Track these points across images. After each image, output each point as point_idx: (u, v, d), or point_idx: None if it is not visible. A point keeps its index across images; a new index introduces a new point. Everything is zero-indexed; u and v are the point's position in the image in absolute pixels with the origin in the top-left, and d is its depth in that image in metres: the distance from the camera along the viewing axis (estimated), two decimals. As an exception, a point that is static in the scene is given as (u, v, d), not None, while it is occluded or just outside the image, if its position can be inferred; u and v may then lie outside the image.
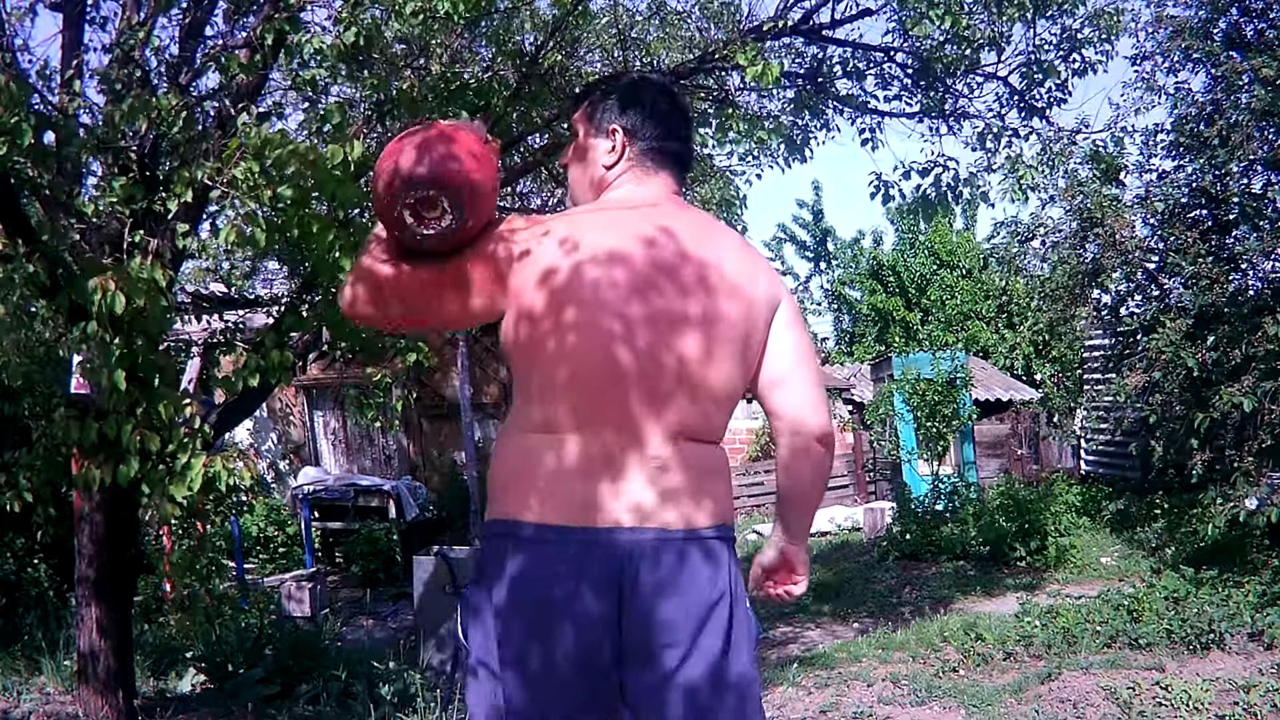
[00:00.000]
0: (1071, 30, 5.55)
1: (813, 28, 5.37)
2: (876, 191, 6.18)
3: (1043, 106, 5.91)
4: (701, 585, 1.57)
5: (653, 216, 1.70)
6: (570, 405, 1.58)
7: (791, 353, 1.71)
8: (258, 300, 7.24)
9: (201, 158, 3.23)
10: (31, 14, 3.61)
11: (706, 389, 1.62)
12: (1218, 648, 4.89)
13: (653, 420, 1.58)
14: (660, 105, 1.81)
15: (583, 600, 1.53)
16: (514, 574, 1.56)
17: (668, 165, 1.80)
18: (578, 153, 1.84)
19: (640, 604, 1.54)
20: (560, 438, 1.58)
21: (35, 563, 6.12)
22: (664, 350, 1.59)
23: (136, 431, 2.90)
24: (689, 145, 1.85)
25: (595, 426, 1.58)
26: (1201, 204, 7.56)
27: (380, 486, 10.52)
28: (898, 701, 4.64)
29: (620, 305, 1.59)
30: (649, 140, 1.78)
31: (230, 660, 5.06)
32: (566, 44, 5.23)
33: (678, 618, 1.55)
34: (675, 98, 1.86)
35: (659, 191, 1.77)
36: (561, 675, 1.54)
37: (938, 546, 9.35)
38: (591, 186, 1.81)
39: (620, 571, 1.53)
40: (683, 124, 1.84)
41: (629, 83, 1.89)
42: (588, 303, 1.58)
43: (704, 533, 1.60)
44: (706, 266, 1.65)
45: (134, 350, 2.84)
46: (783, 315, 1.72)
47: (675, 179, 1.81)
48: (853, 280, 20.55)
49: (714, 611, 1.58)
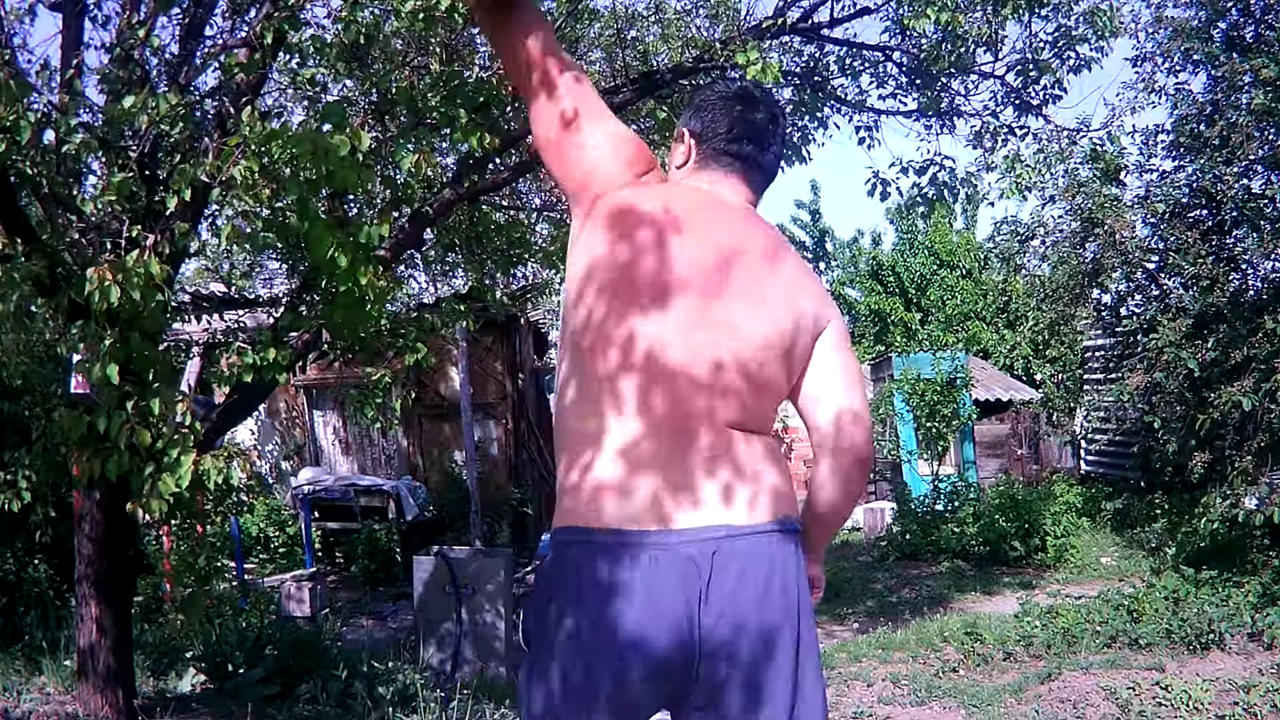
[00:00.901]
0: (1067, 28, 5.55)
1: (811, 26, 5.37)
2: (874, 190, 6.19)
3: (1038, 104, 5.91)
4: (785, 582, 1.57)
5: (727, 214, 1.70)
6: (640, 402, 1.57)
7: (840, 374, 1.71)
8: (258, 300, 7.24)
9: (201, 156, 3.22)
10: (31, 14, 3.60)
11: (772, 386, 1.64)
12: (1218, 648, 4.89)
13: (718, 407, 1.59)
14: (733, 108, 1.76)
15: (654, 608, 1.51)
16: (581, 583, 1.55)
17: (738, 169, 1.75)
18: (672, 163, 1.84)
19: (727, 606, 1.52)
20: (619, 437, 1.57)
21: (35, 563, 6.11)
22: (745, 348, 1.60)
23: (127, 426, 2.90)
24: (766, 151, 1.78)
25: (652, 421, 1.57)
26: (1201, 204, 7.56)
27: (380, 486, 10.51)
28: (898, 701, 4.63)
29: (714, 301, 1.60)
30: (717, 142, 1.75)
31: (230, 660, 5.05)
32: (567, 43, 5.23)
33: (767, 621, 1.54)
34: (753, 102, 1.79)
35: (731, 194, 1.74)
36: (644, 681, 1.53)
37: (938, 546, 9.35)
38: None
39: (702, 570, 1.52)
40: (758, 129, 1.77)
41: (706, 86, 1.87)
42: (689, 298, 1.59)
43: (781, 525, 1.59)
44: (767, 273, 1.66)
45: (129, 345, 2.83)
46: (831, 336, 1.72)
47: (747, 184, 1.77)
48: (852, 280, 20.54)
49: (799, 612, 1.59)
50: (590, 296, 1.62)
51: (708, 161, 1.76)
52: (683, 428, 1.57)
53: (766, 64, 4.26)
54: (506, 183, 5.39)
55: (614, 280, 1.60)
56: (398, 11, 3.30)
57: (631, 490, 1.55)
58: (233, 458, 3.14)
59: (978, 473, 12.40)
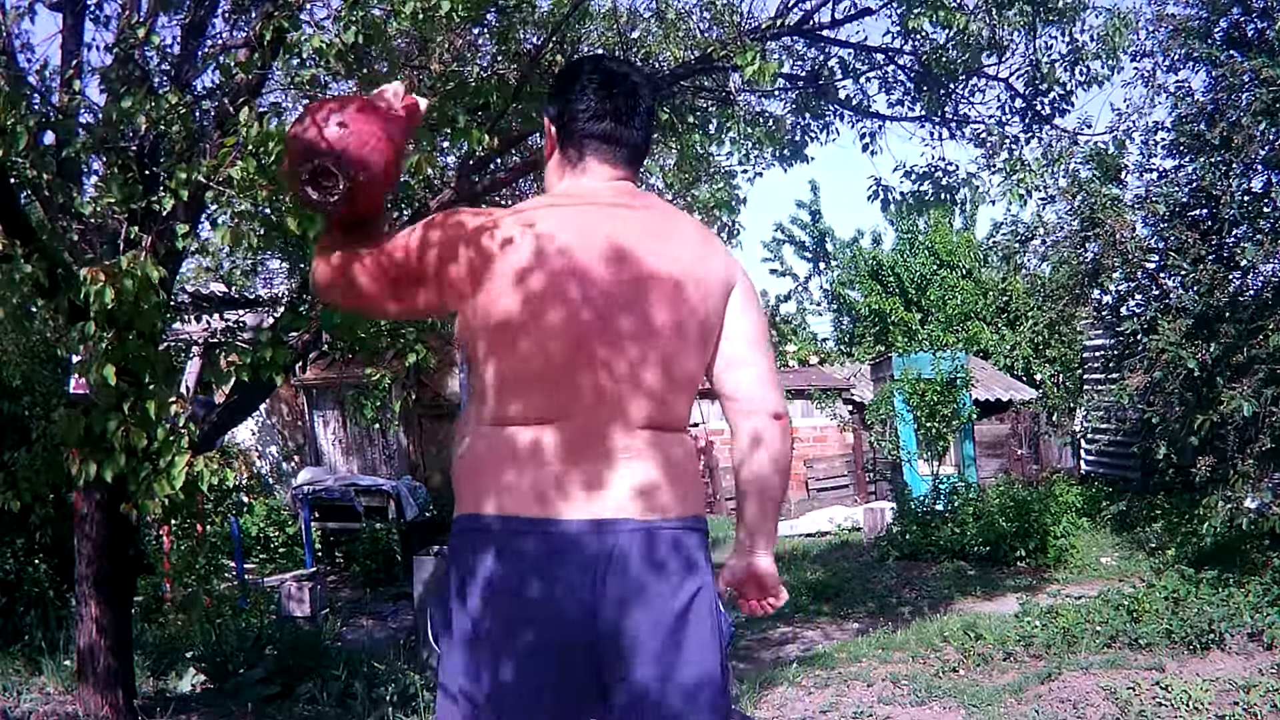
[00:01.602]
0: (1078, 43, 5.55)
1: (813, 27, 5.37)
2: (874, 196, 6.20)
3: (1049, 115, 5.92)
4: (673, 580, 1.55)
5: (604, 206, 1.64)
6: (534, 398, 1.57)
7: (745, 335, 1.67)
8: (258, 300, 7.24)
9: (199, 157, 3.22)
10: (31, 13, 3.60)
11: (669, 378, 1.60)
12: (1218, 648, 4.89)
13: (619, 410, 1.57)
14: (588, 87, 1.68)
15: (555, 595, 1.51)
16: (483, 570, 1.55)
17: (602, 150, 1.68)
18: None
19: (611, 600, 1.52)
20: (525, 430, 1.57)
21: (35, 563, 6.11)
22: (625, 341, 1.57)
23: (123, 427, 2.90)
24: (628, 127, 1.69)
25: (560, 418, 1.56)
26: (1202, 204, 7.56)
27: (380, 486, 10.51)
28: (898, 701, 4.63)
29: (578, 298, 1.56)
30: (576, 124, 1.68)
31: (230, 660, 5.05)
32: (568, 44, 5.22)
33: (647, 617, 1.53)
34: (609, 77, 1.70)
35: (599, 179, 1.68)
36: (540, 669, 1.52)
37: (938, 546, 9.35)
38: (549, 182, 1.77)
39: (591, 563, 1.51)
40: (616, 104, 1.68)
41: (562, 67, 1.81)
42: (546, 297, 1.56)
43: (673, 523, 1.57)
44: (662, 257, 1.61)
45: (125, 346, 2.84)
46: (737, 299, 1.68)
47: (612, 163, 1.69)
48: (852, 281, 20.54)
49: (684, 610, 1.55)
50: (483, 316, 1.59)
51: (569, 146, 1.70)
52: (588, 426, 1.56)
53: (764, 65, 4.25)
54: (506, 183, 5.39)
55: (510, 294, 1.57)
56: (398, 12, 3.30)
57: (528, 483, 1.54)
58: (228, 459, 3.14)
59: (978, 473, 12.40)
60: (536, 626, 1.52)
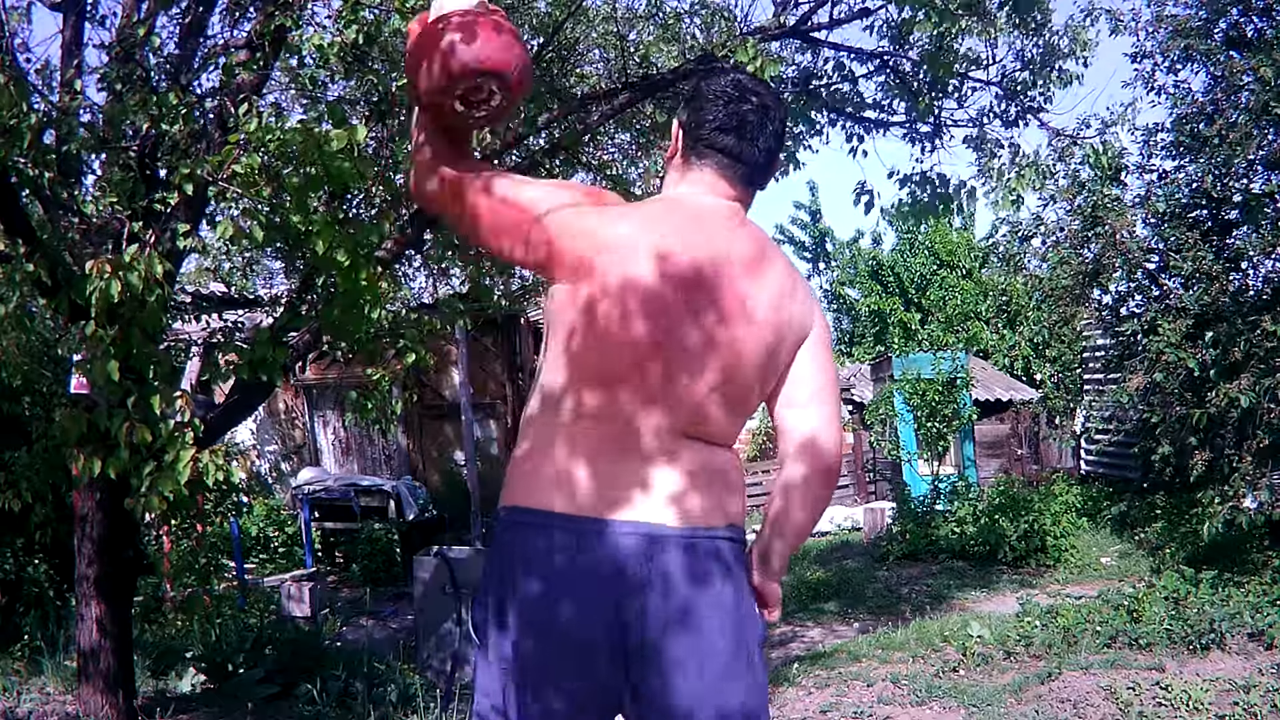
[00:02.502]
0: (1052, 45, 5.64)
1: (810, 29, 5.38)
2: (858, 200, 6.23)
3: (1036, 108, 5.96)
4: (720, 584, 1.56)
5: (709, 223, 1.65)
6: (589, 396, 1.58)
7: (814, 379, 1.68)
8: (258, 300, 7.24)
9: (203, 154, 3.22)
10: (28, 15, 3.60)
11: (724, 399, 1.61)
12: (1218, 648, 4.89)
13: (670, 418, 1.58)
14: (720, 99, 1.70)
15: (587, 597, 1.52)
16: (518, 565, 1.56)
17: (720, 163, 1.69)
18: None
19: (646, 608, 1.52)
20: (576, 426, 1.58)
21: (35, 563, 6.12)
22: (688, 356, 1.58)
23: (127, 424, 2.90)
24: (751, 144, 1.69)
25: (611, 419, 1.57)
26: (1202, 204, 7.56)
27: (380, 486, 10.51)
28: (898, 701, 4.63)
29: (655, 308, 1.57)
30: (701, 132, 1.69)
31: (230, 660, 5.06)
32: (566, 45, 5.23)
33: (683, 630, 1.53)
34: (742, 92, 1.71)
35: (714, 195, 1.69)
36: (568, 665, 1.53)
37: (938, 546, 9.35)
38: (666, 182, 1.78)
39: (626, 568, 1.52)
40: (743, 120, 1.68)
41: (702, 77, 1.81)
42: (622, 300, 1.57)
43: (718, 532, 1.59)
44: (746, 287, 1.62)
45: (129, 342, 2.84)
46: (812, 344, 1.69)
47: (729, 179, 1.70)
48: (852, 281, 20.55)
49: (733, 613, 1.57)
50: (570, 304, 1.61)
51: (691, 154, 1.71)
52: (641, 433, 1.57)
53: (765, 62, 4.26)
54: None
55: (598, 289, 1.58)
56: (399, 11, 3.30)
57: (578, 480, 1.55)
58: (232, 455, 3.14)
59: (978, 473, 12.41)
60: (565, 624, 1.52)
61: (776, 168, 1.80)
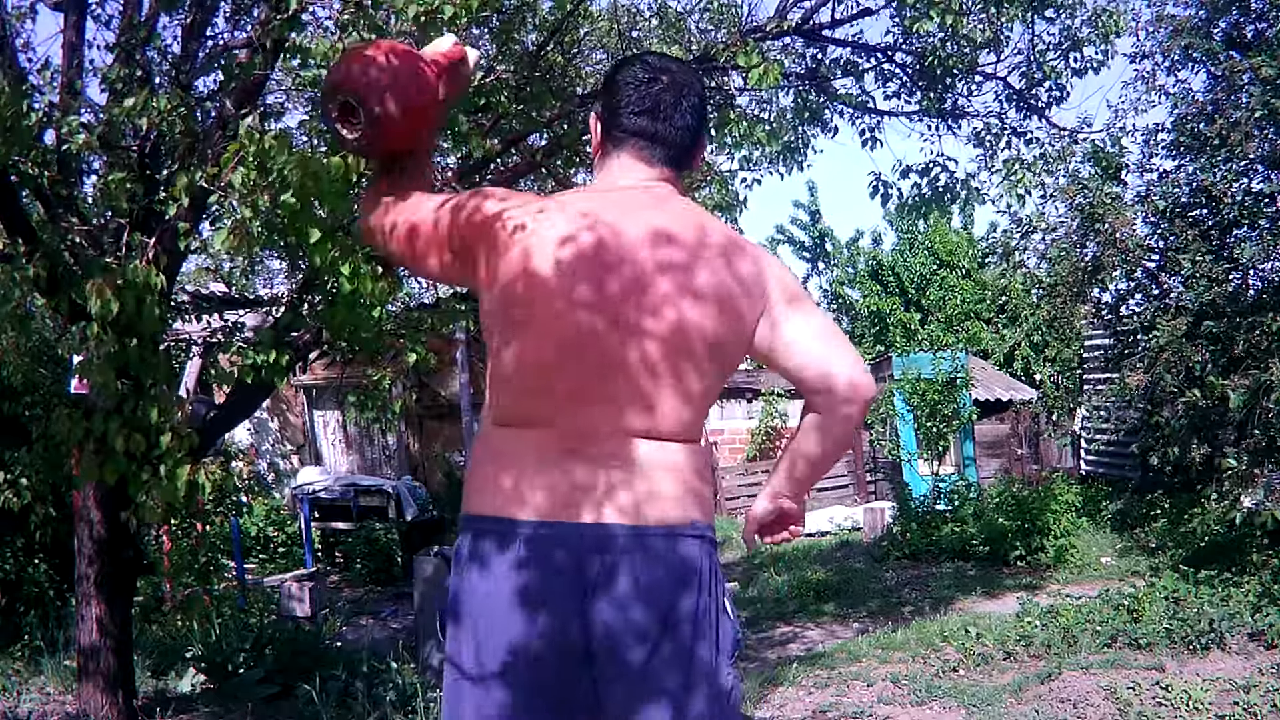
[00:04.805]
0: (1073, 29, 5.57)
1: (813, 28, 5.37)
2: (875, 191, 6.20)
3: (1042, 106, 5.93)
4: (675, 585, 1.52)
5: (629, 206, 1.60)
6: (527, 398, 1.56)
7: (815, 329, 1.62)
8: (258, 300, 7.24)
9: (200, 160, 3.22)
10: (32, 13, 3.60)
11: (673, 389, 1.55)
12: (1218, 648, 4.89)
13: (627, 418, 1.54)
14: (629, 82, 1.66)
15: (549, 595, 1.50)
16: (472, 571, 1.56)
17: (638, 146, 1.65)
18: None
19: (611, 603, 1.50)
20: (530, 432, 1.56)
21: (35, 562, 6.12)
22: (624, 347, 1.53)
23: (123, 430, 2.89)
24: (665, 123, 1.65)
25: (551, 421, 1.55)
26: (1202, 203, 7.57)
27: (380, 486, 10.52)
28: (898, 701, 4.63)
29: (579, 299, 1.52)
30: (616, 119, 1.66)
31: (230, 660, 5.05)
32: (568, 45, 5.22)
33: (649, 621, 1.50)
34: (651, 72, 1.67)
35: (635, 177, 1.65)
36: (530, 669, 1.52)
37: (938, 546, 9.35)
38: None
39: (588, 566, 1.50)
40: (655, 99, 1.64)
41: (614, 65, 1.78)
42: (547, 294, 1.53)
43: (679, 529, 1.55)
44: (680, 264, 1.56)
45: (126, 349, 2.83)
46: (779, 299, 1.62)
47: (648, 160, 1.65)
48: (852, 281, 20.54)
49: (688, 616, 1.53)
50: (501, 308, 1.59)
51: (608, 141, 1.68)
52: (583, 434, 1.53)
53: (768, 66, 4.25)
54: (506, 184, 5.39)
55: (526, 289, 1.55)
56: (401, 14, 3.30)
57: (529, 486, 1.54)
58: (230, 463, 3.14)
59: (978, 472, 12.40)
60: (520, 629, 1.51)
61: (703, 145, 1.75)
